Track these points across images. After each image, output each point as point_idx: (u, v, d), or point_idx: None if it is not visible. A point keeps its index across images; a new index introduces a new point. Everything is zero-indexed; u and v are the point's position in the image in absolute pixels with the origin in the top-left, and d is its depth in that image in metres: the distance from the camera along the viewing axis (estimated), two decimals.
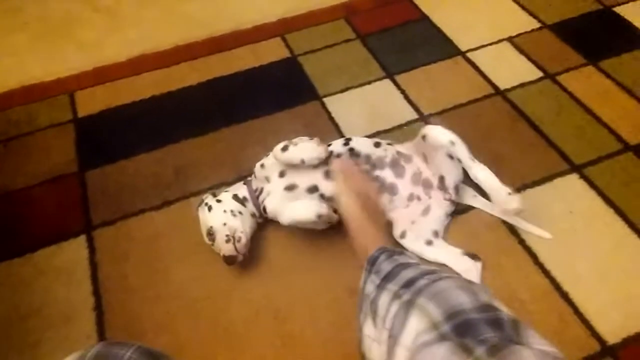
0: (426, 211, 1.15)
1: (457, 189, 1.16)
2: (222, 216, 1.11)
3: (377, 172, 1.15)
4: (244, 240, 1.09)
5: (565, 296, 1.05)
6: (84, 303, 1.10)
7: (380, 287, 0.75)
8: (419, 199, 1.15)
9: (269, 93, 1.52)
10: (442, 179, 1.15)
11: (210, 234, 1.11)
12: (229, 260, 1.08)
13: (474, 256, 1.11)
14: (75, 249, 1.18)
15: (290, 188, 1.12)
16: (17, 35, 1.78)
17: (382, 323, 0.69)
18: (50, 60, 1.68)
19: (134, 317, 1.07)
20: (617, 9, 1.69)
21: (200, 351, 1.02)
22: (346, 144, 1.17)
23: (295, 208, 1.10)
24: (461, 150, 1.14)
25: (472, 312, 0.61)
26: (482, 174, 1.15)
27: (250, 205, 1.16)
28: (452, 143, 1.13)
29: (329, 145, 1.17)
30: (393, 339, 0.65)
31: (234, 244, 1.08)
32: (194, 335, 1.04)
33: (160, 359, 0.67)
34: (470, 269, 1.09)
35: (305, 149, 1.09)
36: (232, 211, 1.12)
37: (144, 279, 1.13)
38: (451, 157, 1.14)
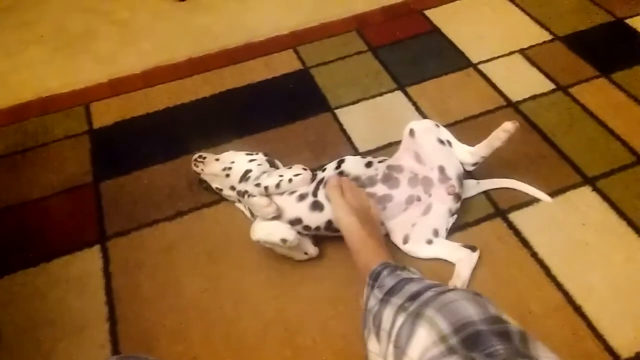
0: (427, 210, 1.14)
1: (460, 180, 1.15)
2: (248, 157, 1.23)
3: (368, 190, 1.13)
4: (205, 164, 1.24)
5: (578, 310, 1.05)
6: (97, 313, 1.10)
7: (383, 301, 0.75)
8: (419, 199, 1.14)
9: (281, 105, 1.53)
10: (442, 169, 1.14)
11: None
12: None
13: (471, 247, 1.11)
14: (89, 259, 1.20)
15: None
16: (33, 48, 1.81)
17: (387, 336, 0.69)
18: (66, 72, 1.70)
19: (148, 327, 1.08)
20: (629, 21, 1.69)
21: None
22: (338, 167, 1.17)
23: (264, 227, 1.11)
24: (446, 132, 1.18)
25: (481, 324, 0.61)
26: (471, 147, 1.17)
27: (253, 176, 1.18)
28: (437, 125, 1.18)
29: (324, 170, 1.18)
30: (400, 351, 0.65)
31: (199, 161, 1.26)
32: (207, 346, 1.05)
33: None
34: (463, 259, 1.09)
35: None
36: (250, 168, 1.19)
37: (157, 290, 1.14)
38: (441, 142, 1.16)
